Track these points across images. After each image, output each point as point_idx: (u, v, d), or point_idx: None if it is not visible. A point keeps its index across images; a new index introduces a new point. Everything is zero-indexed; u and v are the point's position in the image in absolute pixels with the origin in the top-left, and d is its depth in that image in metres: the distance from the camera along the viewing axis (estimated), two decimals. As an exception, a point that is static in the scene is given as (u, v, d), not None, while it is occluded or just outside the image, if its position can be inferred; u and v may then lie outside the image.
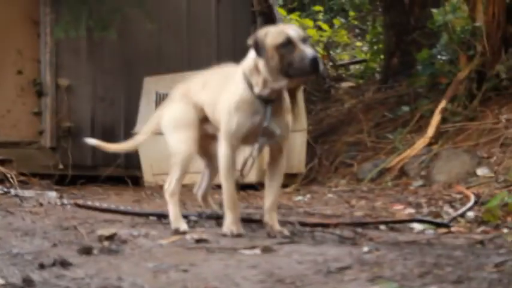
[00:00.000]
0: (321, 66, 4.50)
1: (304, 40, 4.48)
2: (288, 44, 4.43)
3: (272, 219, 4.67)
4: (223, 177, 4.70)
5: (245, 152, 4.90)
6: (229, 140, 4.64)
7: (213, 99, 4.92)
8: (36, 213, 5.61)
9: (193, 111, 5.06)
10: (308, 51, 4.38)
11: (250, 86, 4.58)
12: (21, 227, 4.65)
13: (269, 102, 4.57)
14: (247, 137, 4.65)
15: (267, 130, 4.59)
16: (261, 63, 4.51)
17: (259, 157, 8.44)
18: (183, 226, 4.77)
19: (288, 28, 4.57)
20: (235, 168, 4.74)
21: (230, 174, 4.67)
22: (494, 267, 3.44)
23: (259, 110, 4.57)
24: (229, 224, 4.61)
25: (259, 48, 4.50)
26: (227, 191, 4.67)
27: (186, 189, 7.76)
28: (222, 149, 4.68)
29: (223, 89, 4.82)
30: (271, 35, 4.49)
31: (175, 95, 5.29)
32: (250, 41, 4.62)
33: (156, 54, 10.16)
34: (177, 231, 4.68)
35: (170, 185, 5.02)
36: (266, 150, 7.52)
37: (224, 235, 4.51)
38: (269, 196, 4.76)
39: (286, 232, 4.59)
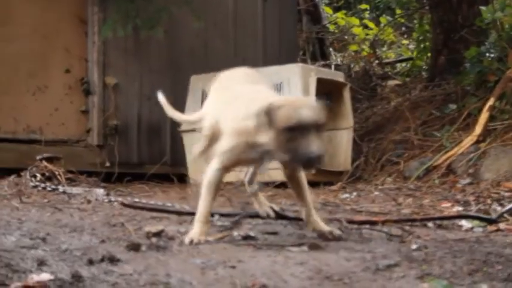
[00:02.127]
0: (321, 163, 4.00)
1: (318, 127, 4.06)
2: (297, 129, 4.01)
3: (317, 225, 4.54)
4: (204, 189, 4.46)
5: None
6: (223, 159, 4.44)
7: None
8: (84, 210, 5.65)
9: None
10: (311, 147, 3.95)
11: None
12: (69, 224, 4.67)
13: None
14: (241, 162, 4.53)
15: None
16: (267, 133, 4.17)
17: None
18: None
19: (305, 110, 4.07)
20: (220, 186, 4.58)
21: (212, 189, 4.44)
22: (544, 265, 3.41)
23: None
24: (195, 234, 4.28)
25: (269, 121, 4.11)
26: (203, 204, 4.42)
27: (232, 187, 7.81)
28: (213, 164, 4.46)
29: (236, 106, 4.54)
30: (283, 113, 4.05)
31: None
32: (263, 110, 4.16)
33: (203, 53, 10.18)
34: None
35: None
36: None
37: (181, 242, 4.22)
38: (303, 202, 4.63)
39: (337, 231, 4.51)
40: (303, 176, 4.64)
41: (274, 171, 5.50)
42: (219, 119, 4.66)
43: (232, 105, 4.59)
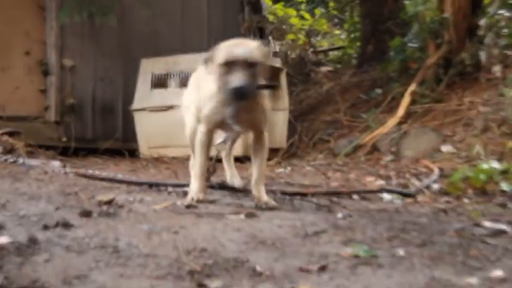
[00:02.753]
0: (249, 95, 4.11)
1: (251, 64, 4.12)
2: (229, 64, 4.11)
3: (259, 192, 4.59)
4: (196, 151, 4.62)
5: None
6: (206, 122, 4.52)
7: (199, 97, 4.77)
8: (42, 180, 5.60)
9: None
10: (235, 80, 4.05)
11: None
12: (27, 192, 4.63)
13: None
14: (221, 123, 4.52)
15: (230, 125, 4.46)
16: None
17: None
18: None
19: (240, 47, 4.16)
20: (211, 145, 4.66)
21: (203, 149, 4.55)
22: (455, 233, 3.47)
23: (229, 105, 4.35)
24: (195, 191, 4.50)
25: (207, 61, 4.31)
26: (197, 162, 4.58)
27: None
28: (200, 128, 4.57)
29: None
30: (218, 54, 4.19)
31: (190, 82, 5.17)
32: (208, 56, 4.31)
33: (153, 38, 10.14)
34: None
35: None
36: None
37: (187, 201, 4.38)
38: (255, 170, 4.70)
39: (272, 202, 4.55)
40: (265, 146, 4.77)
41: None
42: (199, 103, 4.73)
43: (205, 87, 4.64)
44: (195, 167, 4.59)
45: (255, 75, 4.20)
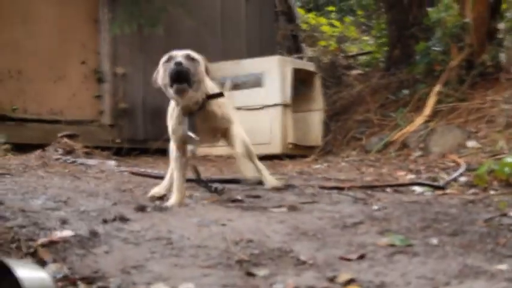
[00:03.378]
0: (188, 75, 4.12)
1: (189, 58, 4.21)
2: (168, 60, 4.21)
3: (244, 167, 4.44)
4: (173, 166, 4.50)
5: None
6: (173, 140, 4.43)
7: None
8: (99, 179, 5.62)
9: None
10: (175, 61, 4.11)
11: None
12: (86, 189, 4.65)
13: (192, 113, 4.29)
14: (184, 137, 4.36)
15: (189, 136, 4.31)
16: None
17: (282, 130, 8.44)
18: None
19: (178, 51, 4.28)
20: (185, 161, 4.45)
21: (177, 165, 4.39)
22: (484, 223, 3.42)
23: (184, 119, 4.31)
24: (173, 203, 4.20)
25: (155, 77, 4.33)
26: (175, 177, 4.38)
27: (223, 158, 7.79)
28: (171, 146, 4.49)
29: None
30: (165, 56, 4.29)
31: None
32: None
33: (196, 47, 10.11)
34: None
35: None
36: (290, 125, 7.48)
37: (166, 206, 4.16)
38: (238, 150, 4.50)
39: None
40: (241, 139, 4.55)
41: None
42: None
43: None
44: (175, 180, 4.39)
45: (196, 68, 4.19)
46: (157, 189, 4.67)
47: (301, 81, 9.33)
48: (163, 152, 9.20)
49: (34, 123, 8.70)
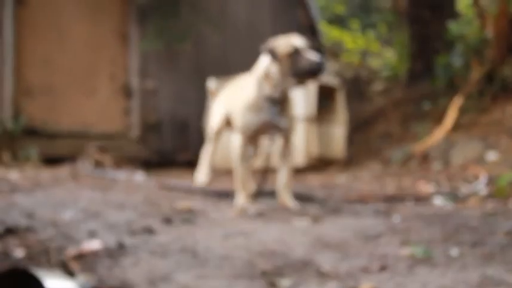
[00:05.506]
0: (325, 68, 4.44)
1: (308, 48, 4.44)
2: (296, 52, 4.38)
3: (284, 198, 4.65)
4: (237, 164, 4.66)
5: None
6: (243, 133, 4.59)
7: (231, 105, 4.99)
8: (127, 191, 5.64)
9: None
10: (313, 57, 4.34)
11: (262, 89, 4.53)
12: (115, 202, 4.66)
13: (277, 102, 4.52)
14: (257, 131, 4.59)
15: (273, 124, 4.55)
16: (274, 69, 4.46)
17: (306, 144, 8.44)
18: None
19: (294, 39, 4.48)
20: (249, 156, 4.68)
21: (242, 161, 4.62)
22: (505, 234, 3.39)
23: (268, 108, 4.53)
24: (241, 200, 4.56)
25: (274, 56, 4.44)
26: (239, 175, 4.63)
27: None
28: (237, 141, 4.64)
29: (239, 95, 4.83)
30: (281, 45, 4.43)
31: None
32: (265, 50, 4.54)
33: (223, 61, 10.19)
34: None
35: None
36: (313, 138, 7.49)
37: (235, 209, 4.42)
38: (281, 179, 4.70)
39: (297, 206, 4.56)
40: (291, 151, 4.76)
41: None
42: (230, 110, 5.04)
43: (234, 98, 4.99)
44: (238, 178, 4.70)
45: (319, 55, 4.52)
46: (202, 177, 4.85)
47: (325, 95, 9.31)
48: (190, 164, 9.27)
49: (65, 137, 8.77)
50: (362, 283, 2.54)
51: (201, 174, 5.89)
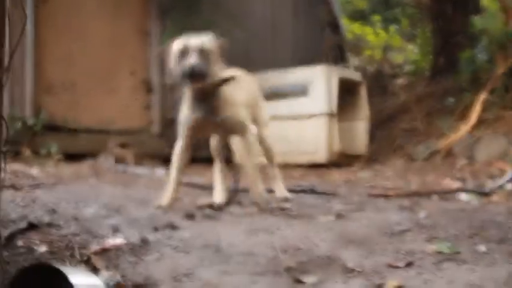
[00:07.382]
0: (203, 75, 4.10)
1: (202, 51, 4.08)
2: (183, 53, 4.03)
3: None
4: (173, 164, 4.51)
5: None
6: (182, 131, 4.44)
7: None
8: (149, 186, 5.65)
9: None
10: (188, 61, 3.98)
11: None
12: (137, 198, 4.67)
13: (201, 99, 4.27)
14: (195, 128, 4.41)
15: (208, 121, 4.33)
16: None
17: (328, 140, 8.40)
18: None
19: (191, 39, 4.12)
20: (184, 156, 4.54)
21: (178, 163, 4.52)
22: (532, 230, 3.36)
23: (197, 106, 4.28)
24: (162, 202, 4.22)
25: (166, 55, 4.17)
26: (171, 176, 4.42)
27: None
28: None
29: None
30: (176, 43, 4.11)
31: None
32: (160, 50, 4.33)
33: (245, 57, 10.18)
34: None
35: None
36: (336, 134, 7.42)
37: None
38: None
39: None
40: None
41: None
42: None
43: None
44: (170, 179, 4.43)
45: (210, 62, 4.17)
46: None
47: (347, 90, 9.29)
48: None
49: (86, 133, 8.80)
50: (388, 280, 2.52)
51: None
